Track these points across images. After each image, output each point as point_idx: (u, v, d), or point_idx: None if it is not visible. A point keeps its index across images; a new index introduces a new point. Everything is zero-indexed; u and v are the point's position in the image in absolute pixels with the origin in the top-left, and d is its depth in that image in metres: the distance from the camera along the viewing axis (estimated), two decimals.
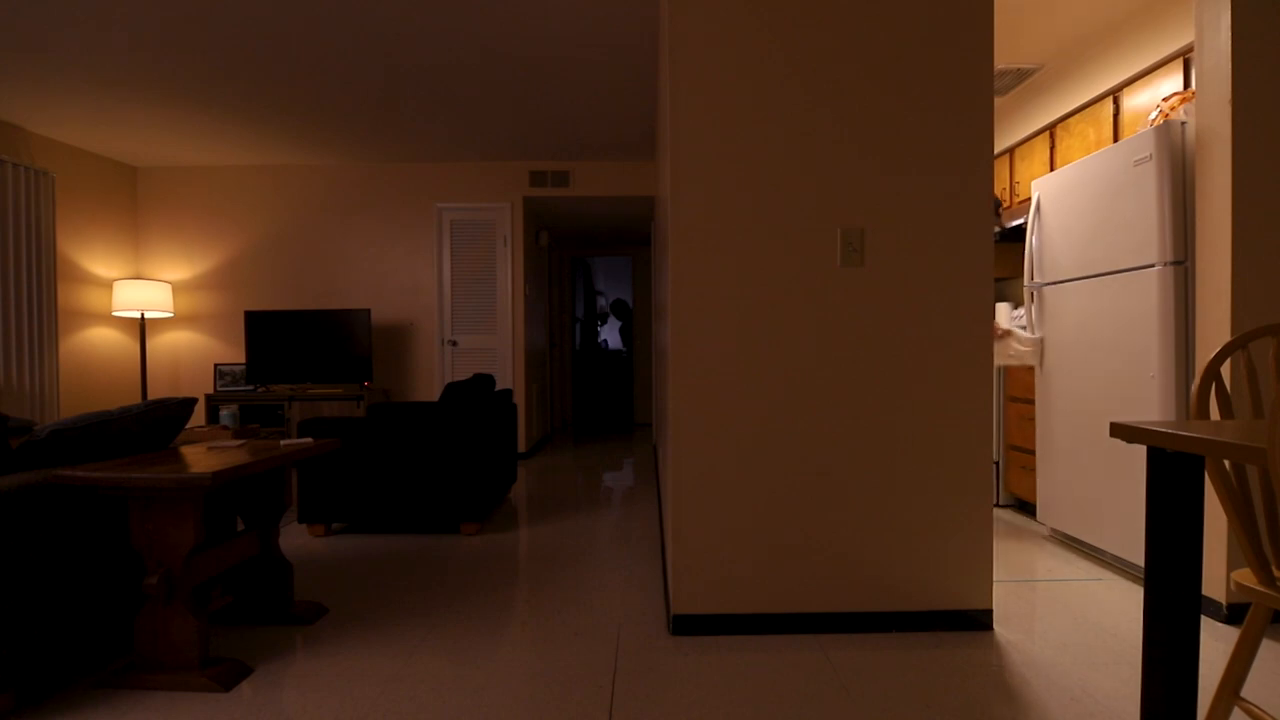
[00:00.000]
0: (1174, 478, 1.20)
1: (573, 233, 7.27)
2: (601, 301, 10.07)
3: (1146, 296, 2.43)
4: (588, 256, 8.39)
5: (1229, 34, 2.10)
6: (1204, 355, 2.23)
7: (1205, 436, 1.05)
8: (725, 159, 2.08)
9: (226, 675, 1.81)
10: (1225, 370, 2.18)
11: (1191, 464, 1.19)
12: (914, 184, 2.08)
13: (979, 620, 2.09)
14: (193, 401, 2.28)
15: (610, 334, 10.11)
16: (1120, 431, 1.21)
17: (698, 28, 2.06)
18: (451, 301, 5.35)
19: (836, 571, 2.10)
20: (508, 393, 4.00)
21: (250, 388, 4.99)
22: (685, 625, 2.09)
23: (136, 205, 5.30)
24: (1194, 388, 1.33)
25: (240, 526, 3.34)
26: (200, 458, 1.97)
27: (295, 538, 3.25)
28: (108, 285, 4.98)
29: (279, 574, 2.23)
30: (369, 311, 4.99)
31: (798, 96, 2.07)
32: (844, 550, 2.10)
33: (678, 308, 2.09)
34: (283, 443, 2.24)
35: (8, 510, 1.63)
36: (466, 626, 2.18)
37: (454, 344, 5.36)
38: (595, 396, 8.52)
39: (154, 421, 2.14)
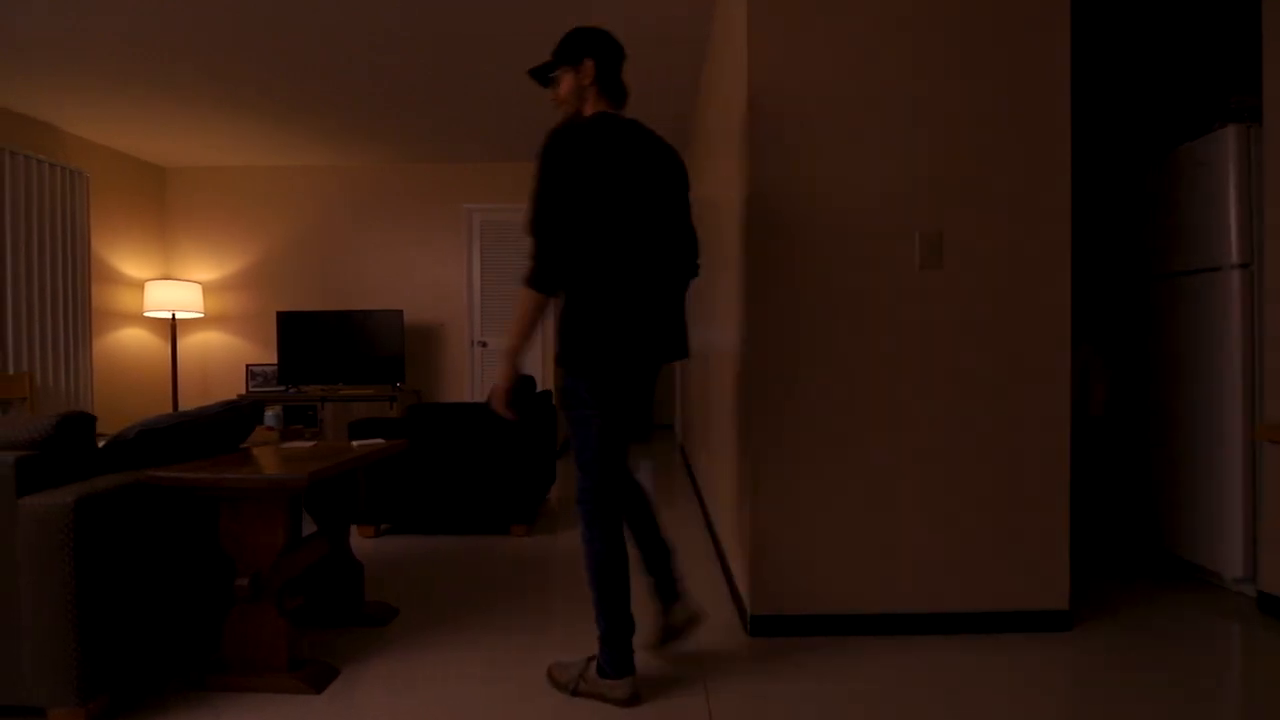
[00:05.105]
0: None
1: None
2: None
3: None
4: None
5: None
6: (1272, 358, 2.23)
7: None
8: (803, 155, 2.08)
9: (316, 677, 1.80)
10: None
11: None
12: (994, 186, 2.08)
13: (1059, 620, 2.09)
14: (262, 404, 2.27)
15: None
16: (1270, 432, 1.21)
17: (775, 13, 2.06)
18: (481, 303, 5.35)
19: (915, 572, 2.09)
20: (548, 394, 4.00)
21: (282, 388, 4.98)
22: (764, 627, 2.08)
23: (165, 206, 5.29)
24: None
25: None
26: (277, 458, 1.96)
27: None
28: (138, 285, 4.96)
29: (351, 575, 2.23)
30: (401, 313, 4.98)
31: (880, 97, 2.07)
32: (921, 551, 2.09)
33: (754, 310, 2.09)
34: (355, 444, 2.23)
35: (104, 511, 1.62)
36: (544, 627, 2.17)
37: (484, 345, 5.35)
38: None
39: (227, 422, 2.14)
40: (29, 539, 1.54)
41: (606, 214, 1.65)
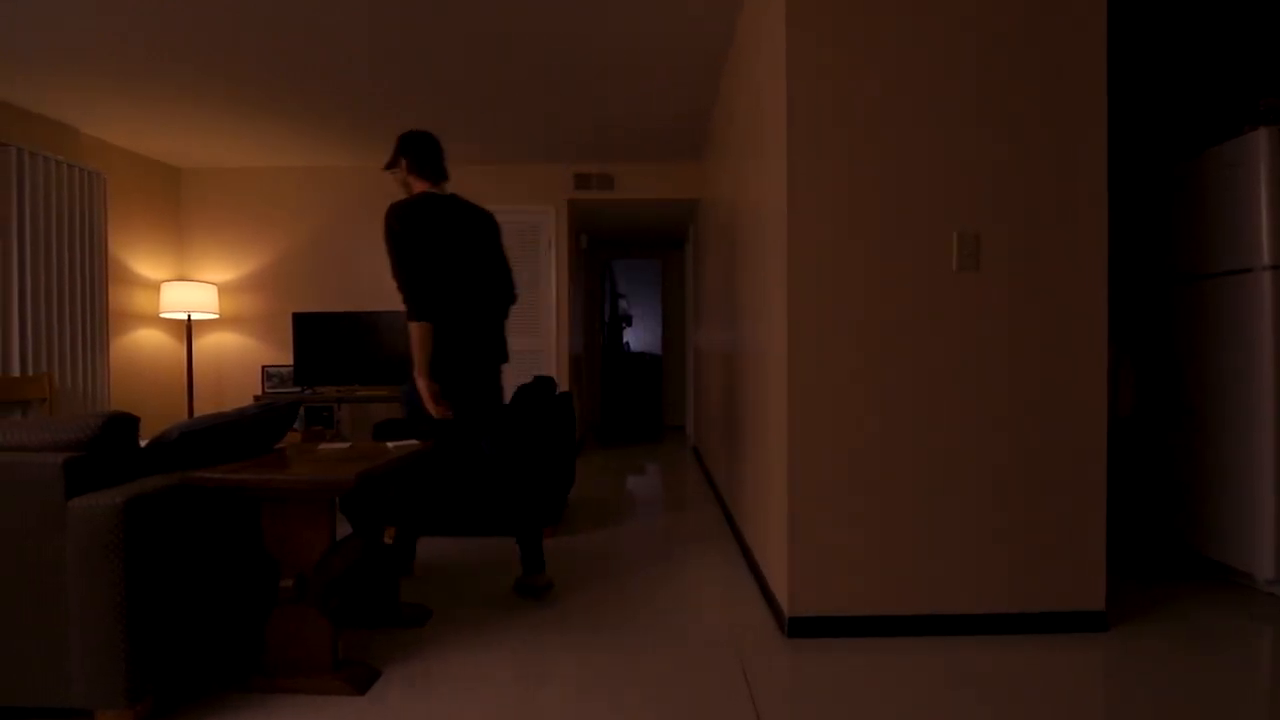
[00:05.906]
0: None
1: (607, 235, 7.26)
2: (623, 304, 10.06)
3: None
4: (614, 259, 8.38)
5: None
6: None
7: None
8: (840, 160, 2.08)
9: (359, 678, 1.80)
10: None
11: None
12: (1030, 188, 2.08)
13: (1095, 620, 2.09)
14: (298, 405, 2.27)
15: (633, 336, 10.10)
16: None
17: (813, 22, 2.07)
18: None
19: (952, 573, 2.10)
20: (568, 395, 4.00)
21: (297, 389, 4.97)
22: (802, 628, 2.08)
23: (181, 206, 5.29)
24: None
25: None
26: (316, 459, 1.96)
27: None
28: (154, 286, 4.96)
29: (386, 576, 2.22)
30: None
31: (917, 102, 2.08)
32: (959, 551, 2.10)
33: (794, 312, 2.09)
34: (391, 445, 2.23)
35: (152, 512, 1.62)
36: (579, 628, 2.17)
37: None
38: (622, 400, 8.50)
39: (265, 423, 2.14)
40: (78, 540, 1.54)
41: (434, 264, 2.37)
